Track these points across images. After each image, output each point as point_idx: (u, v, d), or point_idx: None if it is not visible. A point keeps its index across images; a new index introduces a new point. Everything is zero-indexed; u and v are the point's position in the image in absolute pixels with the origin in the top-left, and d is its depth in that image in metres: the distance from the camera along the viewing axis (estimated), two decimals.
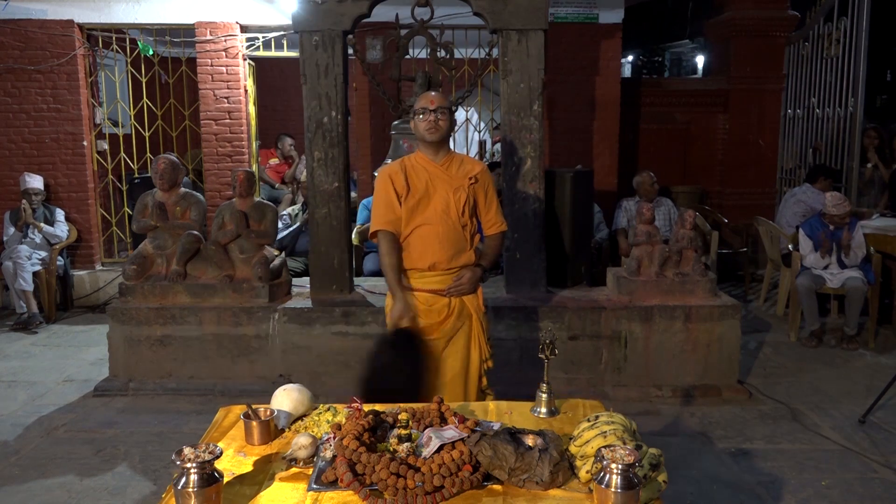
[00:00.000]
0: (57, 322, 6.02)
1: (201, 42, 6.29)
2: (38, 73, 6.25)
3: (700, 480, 3.26)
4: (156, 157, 4.61)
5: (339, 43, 4.31)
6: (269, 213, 4.56)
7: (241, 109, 6.44)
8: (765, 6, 7.11)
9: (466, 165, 2.91)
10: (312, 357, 4.29)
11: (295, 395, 2.24)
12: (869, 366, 4.84)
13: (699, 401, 4.20)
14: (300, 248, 5.93)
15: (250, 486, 1.83)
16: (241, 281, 4.45)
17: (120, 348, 4.40)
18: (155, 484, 3.23)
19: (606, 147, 6.73)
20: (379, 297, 4.41)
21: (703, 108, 7.42)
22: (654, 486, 1.81)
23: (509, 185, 4.40)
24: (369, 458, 1.79)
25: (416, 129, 2.84)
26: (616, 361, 4.30)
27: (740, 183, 7.36)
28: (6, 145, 6.37)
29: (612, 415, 1.97)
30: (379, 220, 2.84)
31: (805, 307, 5.24)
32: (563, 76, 6.48)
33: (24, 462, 3.46)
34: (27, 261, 5.80)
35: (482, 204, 2.94)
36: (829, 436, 3.73)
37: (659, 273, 4.40)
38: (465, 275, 2.86)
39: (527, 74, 4.30)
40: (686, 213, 4.46)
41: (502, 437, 1.84)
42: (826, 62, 6.87)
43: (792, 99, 7.57)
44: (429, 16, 4.23)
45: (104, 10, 6.22)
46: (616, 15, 6.54)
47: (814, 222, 5.29)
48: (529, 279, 4.48)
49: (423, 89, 4.05)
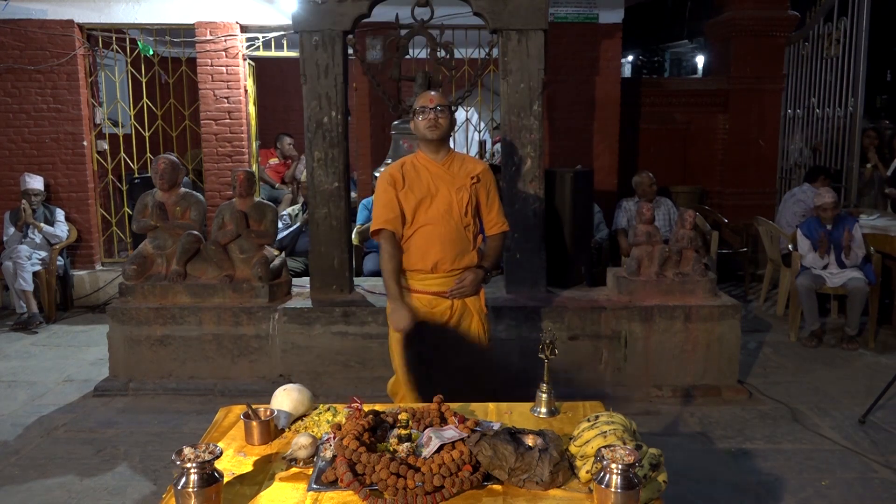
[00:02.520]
0: (57, 322, 6.02)
1: (201, 42, 6.29)
2: (38, 73, 6.25)
3: (700, 480, 3.26)
4: (156, 157, 4.61)
5: (339, 43, 4.31)
6: (269, 213, 4.56)
7: (241, 109, 6.44)
8: (765, 6, 7.11)
9: (468, 165, 2.90)
10: (312, 357, 4.29)
11: (295, 395, 2.24)
12: (869, 366, 4.84)
13: (699, 401, 4.21)
14: (300, 248, 5.93)
15: (250, 486, 1.83)
16: (241, 281, 4.45)
17: (120, 348, 4.40)
18: (155, 484, 3.23)
19: (606, 147, 6.73)
20: (379, 297, 4.41)
21: (702, 108, 7.42)
22: (654, 486, 1.81)
23: (509, 185, 4.40)
24: (369, 458, 1.79)
25: (417, 128, 2.84)
26: (616, 361, 4.29)
27: (740, 183, 7.36)
28: (6, 145, 6.37)
29: (612, 415, 1.97)
30: (379, 218, 2.83)
31: (805, 307, 5.24)
32: (563, 76, 6.48)
33: (24, 462, 3.46)
34: (27, 261, 5.80)
35: (484, 204, 2.93)
36: (829, 436, 3.73)
37: (659, 273, 4.40)
38: (468, 277, 2.85)
39: (527, 74, 4.30)
40: (686, 213, 4.46)
41: (502, 437, 1.84)
42: (826, 62, 6.87)
43: (792, 99, 7.57)
44: (429, 16, 4.23)
45: (104, 10, 6.22)
46: (616, 15, 6.54)
47: (811, 222, 5.30)
48: (529, 279, 4.48)
49: (423, 89, 4.05)
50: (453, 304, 2.87)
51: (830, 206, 5.14)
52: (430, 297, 2.86)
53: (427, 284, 2.86)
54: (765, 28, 7.14)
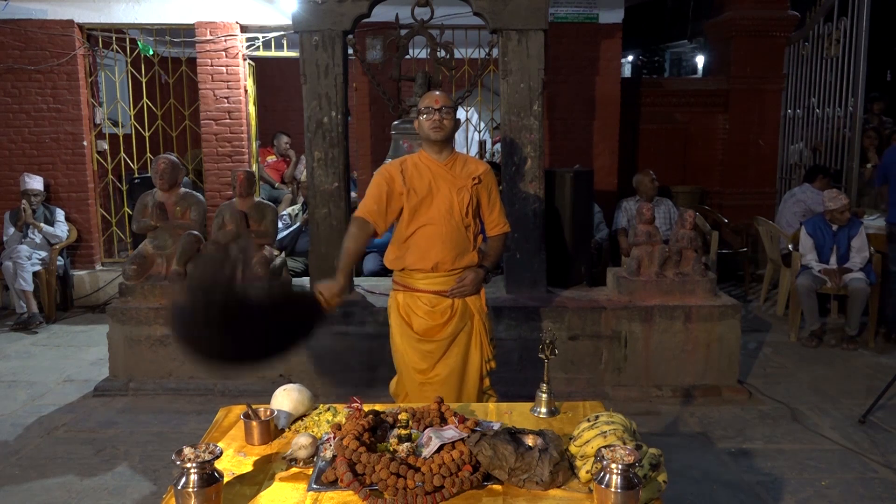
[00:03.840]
0: (57, 322, 6.02)
1: (201, 42, 6.29)
2: (38, 73, 6.25)
3: (700, 480, 3.26)
4: (156, 157, 4.61)
5: (339, 43, 4.31)
6: (269, 213, 4.56)
7: (241, 109, 6.44)
8: (765, 6, 7.11)
9: (470, 165, 2.90)
10: (312, 357, 4.29)
11: (295, 395, 2.24)
12: (869, 366, 4.85)
13: (699, 401, 4.21)
14: (300, 248, 5.93)
15: (250, 486, 1.82)
16: None
17: (120, 348, 4.40)
18: (155, 484, 3.23)
19: (606, 147, 6.73)
20: (379, 297, 4.42)
21: (702, 108, 7.41)
22: (654, 486, 1.81)
23: (510, 185, 4.40)
24: (369, 458, 1.79)
25: (421, 129, 2.83)
26: (616, 361, 4.29)
27: (740, 183, 7.36)
28: (6, 145, 6.37)
29: (612, 415, 1.97)
30: (363, 207, 2.82)
31: (805, 307, 5.24)
32: (563, 76, 6.48)
33: (24, 462, 3.46)
34: (27, 261, 5.80)
35: (485, 204, 2.93)
36: (829, 436, 3.73)
37: (659, 273, 4.40)
38: (468, 276, 2.85)
39: (527, 74, 4.30)
40: (686, 213, 4.46)
41: (502, 437, 1.84)
42: (826, 62, 6.87)
43: (792, 99, 7.56)
44: (429, 16, 4.23)
45: (104, 10, 6.22)
46: (616, 15, 6.53)
47: (817, 221, 5.29)
48: (529, 279, 4.48)
49: (423, 89, 4.05)
50: (454, 303, 2.87)
51: (845, 209, 5.12)
52: (431, 296, 2.86)
53: (428, 284, 2.86)
54: (765, 28, 7.14)
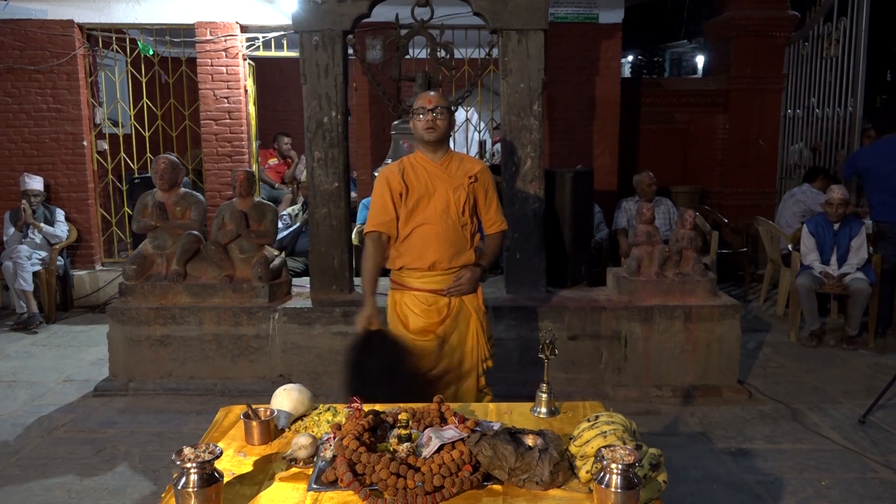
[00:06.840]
0: (57, 322, 6.02)
1: (201, 42, 6.29)
2: (38, 73, 6.25)
3: (700, 480, 3.26)
4: (156, 157, 4.61)
5: (339, 43, 4.31)
6: (269, 213, 4.56)
7: (241, 109, 6.44)
8: (765, 6, 7.11)
9: (466, 164, 2.91)
10: (312, 357, 4.29)
11: (295, 395, 2.24)
12: (869, 366, 4.84)
13: (699, 401, 4.20)
14: (300, 248, 5.93)
15: (250, 486, 1.83)
16: (241, 281, 4.45)
17: (120, 348, 4.40)
18: (155, 484, 3.23)
19: (606, 147, 6.73)
20: (379, 297, 4.40)
21: (703, 108, 7.41)
22: (654, 486, 1.81)
23: (509, 185, 4.40)
24: (369, 458, 1.79)
25: (415, 129, 2.85)
26: (616, 361, 4.30)
27: (740, 183, 7.36)
28: (6, 145, 6.37)
29: (612, 415, 1.97)
30: (372, 220, 2.88)
31: (805, 307, 5.24)
32: (563, 76, 6.48)
33: (24, 462, 3.46)
34: (27, 261, 5.80)
35: (482, 203, 2.94)
36: (829, 436, 3.73)
37: (659, 273, 4.40)
38: (465, 274, 2.86)
39: (527, 74, 4.30)
40: (686, 213, 4.46)
41: (502, 437, 1.84)
42: (826, 62, 6.87)
43: (792, 99, 7.57)
44: (429, 16, 4.24)
45: (104, 10, 6.22)
46: (616, 15, 6.53)
47: (819, 220, 5.28)
48: (529, 279, 4.48)
49: (423, 89, 4.06)
50: (450, 301, 2.89)
51: (837, 201, 5.12)
52: (428, 294, 2.87)
53: (424, 282, 2.87)
54: (765, 28, 7.13)
